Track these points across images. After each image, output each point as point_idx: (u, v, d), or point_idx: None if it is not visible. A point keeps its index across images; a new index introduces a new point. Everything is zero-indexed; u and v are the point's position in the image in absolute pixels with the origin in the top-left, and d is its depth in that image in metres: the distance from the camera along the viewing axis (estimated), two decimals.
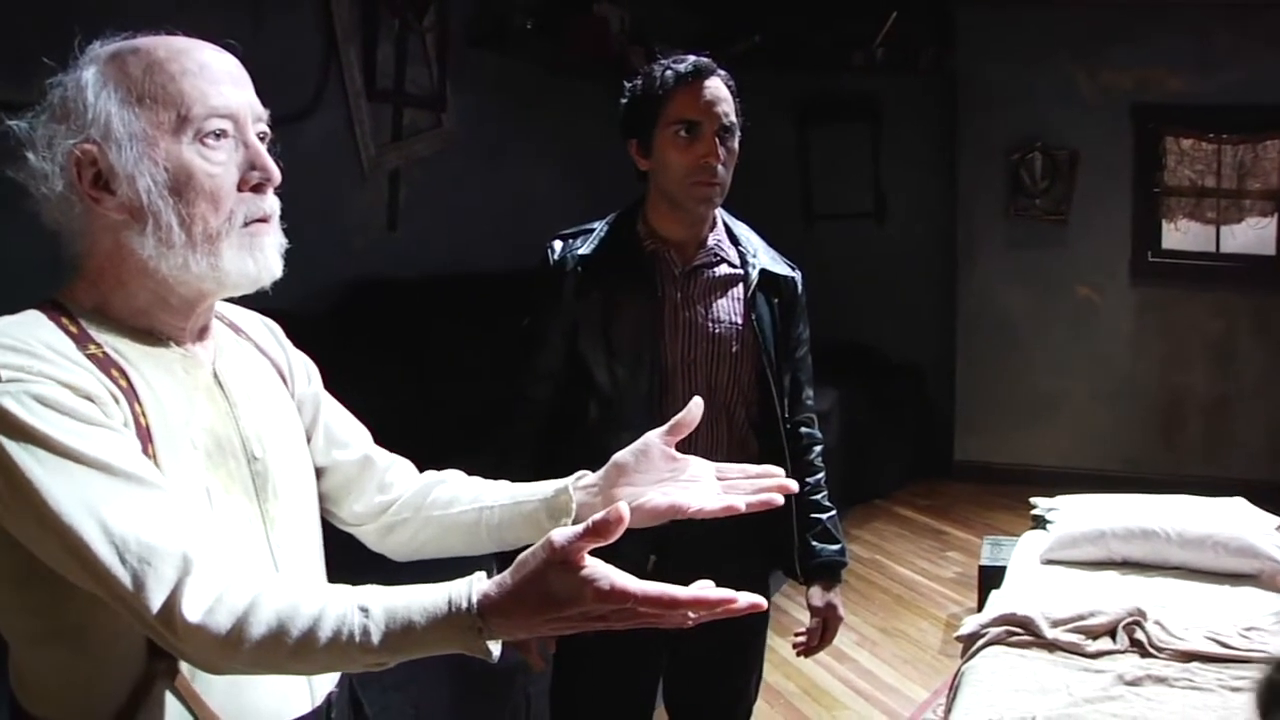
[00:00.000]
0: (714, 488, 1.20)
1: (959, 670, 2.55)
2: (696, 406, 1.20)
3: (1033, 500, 3.66)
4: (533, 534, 1.20)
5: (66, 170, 1.01)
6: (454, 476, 1.36)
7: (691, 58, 1.86)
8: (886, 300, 6.26)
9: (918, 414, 6.13)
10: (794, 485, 1.21)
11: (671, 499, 1.17)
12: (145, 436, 0.99)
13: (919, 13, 6.01)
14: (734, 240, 2.01)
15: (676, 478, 1.21)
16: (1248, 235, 5.67)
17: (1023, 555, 3.29)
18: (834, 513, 2.10)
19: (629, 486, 1.20)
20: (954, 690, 2.47)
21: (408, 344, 3.72)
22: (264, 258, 1.08)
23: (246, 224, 1.06)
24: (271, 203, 1.09)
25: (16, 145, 1.03)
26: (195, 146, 1.03)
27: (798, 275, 2.06)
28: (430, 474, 1.37)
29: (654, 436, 1.22)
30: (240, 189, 1.06)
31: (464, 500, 1.30)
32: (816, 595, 2.07)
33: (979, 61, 5.91)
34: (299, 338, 1.34)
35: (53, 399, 0.93)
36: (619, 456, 1.23)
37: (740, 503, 1.16)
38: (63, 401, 0.93)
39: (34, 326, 0.99)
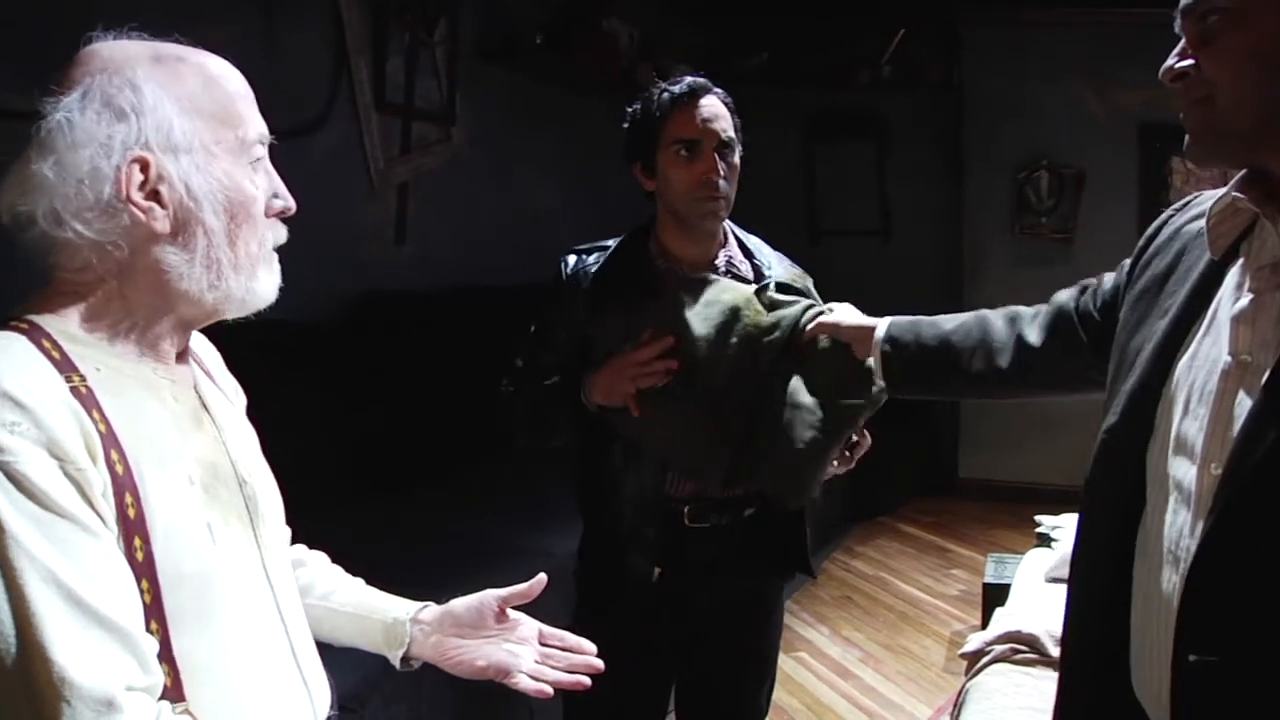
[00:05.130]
0: (535, 654, 1.30)
1: (963, 688, 2.54)
2: (538, 584, 1.29)
3: (1037, 518, 3.66)
4: (366, 646, 1.30)
5: (121, 175, 0.96)
6: (315, 561, 1.37)
7: (688, 79, 1.91)
8: None
9: (922, 431, 6.12)
10: (600, 664, 1.30)
11: (494, 661, 1.27)
12: (128, 485, 0.93)
13: (926, 30, 6.04)
14: (748, 254, 2.02)
15: (505, 637, 1.30)
16: None
17: (1027, 573, 3.28)
18: None
19: (458, 637, 1.29)
20: (958, 708, 2.47)
21: (415, 357, 3.73)
22: (276, 283, 1.09)
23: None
24: (283, 230, 1.11)
25: (48, 140, 0.96)
26: (247, 170, 1.04)
27: (809, 281, 2.07)
28: (297, 550, 1.36)
29: (490, 597, 1.30)
30: (266, 214, 1.07)
31: (316, 593, 1.32)
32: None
33: (986, 79, 5.93)
34: (305, 350, 1.34)
35: (30, 481, 0.86)
36: (455, 607, 1.31)
37: (549, 687, 1.26)
38: (39, 485, 0.86)
39: (18, 358, 0.92)
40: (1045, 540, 3.44)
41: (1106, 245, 5.98)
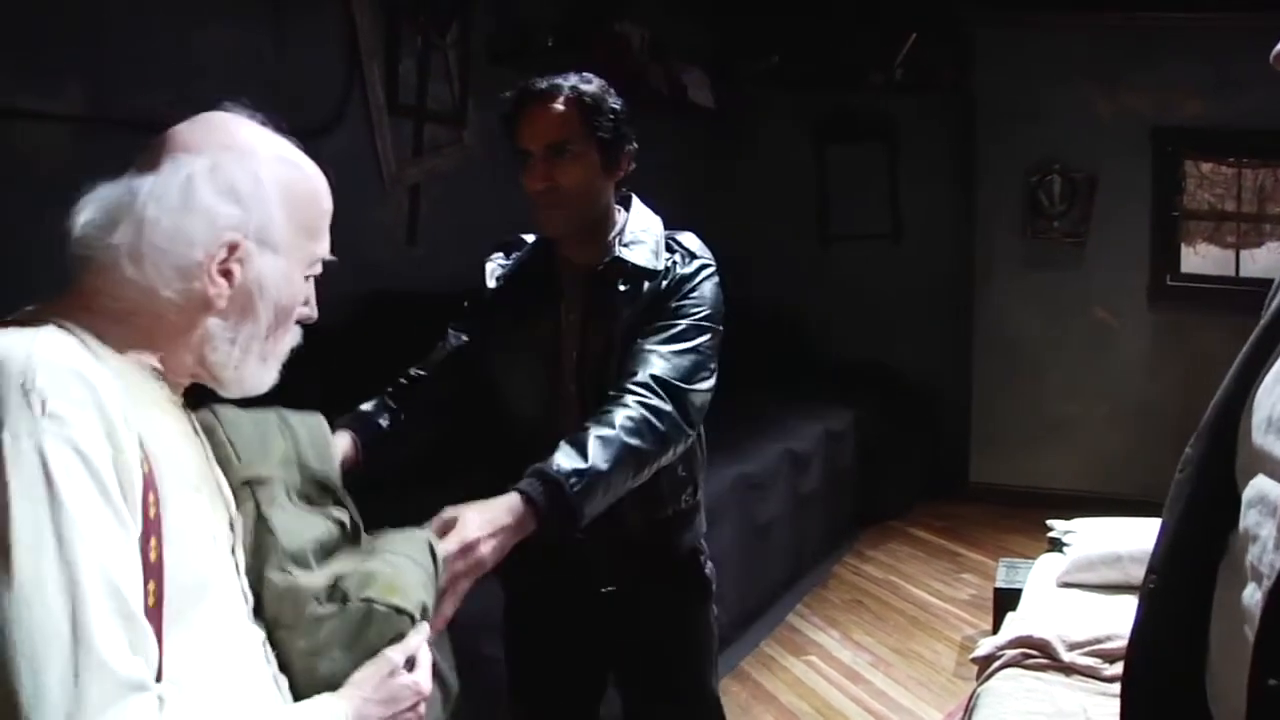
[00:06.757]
0: None
1: (974, 692, 2.53)
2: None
3: (1049, 523, 3.64)
4: None
5: (214, 249, 1.01)
6: None
7: (522, 86, 1.84)
8: (902, 321, 6.24)
9: (933, 435, 6.10)
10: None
11: None
12: (151, 484, 0.95)
13: (938, 34, 6.03)
14: (625, 245, 1.93)
15: None
16: (1268, 260, 5.62)
17: (1039, 578, 3.27)
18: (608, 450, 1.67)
19: None
20: (969, 713, 2.46)
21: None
22: (274, 380, 1.14)
23: None
24: (299, 334, 1.15)
25: (165, 191, 0.99)
26: (308, 283, 1.11)
27: (682, 260, 1.91)
28: None
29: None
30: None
31: None
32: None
33: (998, 83, 5.92)
34: (315, 351, 1.34)
35: (88, 456, 0.88)
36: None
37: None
38: (93, 463, 0.88)
39: (71, 347, 0.94)
40: (1057, 545, 3.42)
41: (1119, 249, 6.01)
